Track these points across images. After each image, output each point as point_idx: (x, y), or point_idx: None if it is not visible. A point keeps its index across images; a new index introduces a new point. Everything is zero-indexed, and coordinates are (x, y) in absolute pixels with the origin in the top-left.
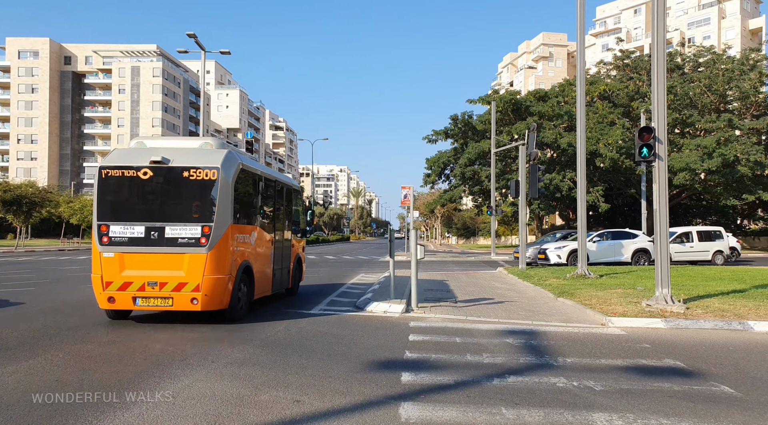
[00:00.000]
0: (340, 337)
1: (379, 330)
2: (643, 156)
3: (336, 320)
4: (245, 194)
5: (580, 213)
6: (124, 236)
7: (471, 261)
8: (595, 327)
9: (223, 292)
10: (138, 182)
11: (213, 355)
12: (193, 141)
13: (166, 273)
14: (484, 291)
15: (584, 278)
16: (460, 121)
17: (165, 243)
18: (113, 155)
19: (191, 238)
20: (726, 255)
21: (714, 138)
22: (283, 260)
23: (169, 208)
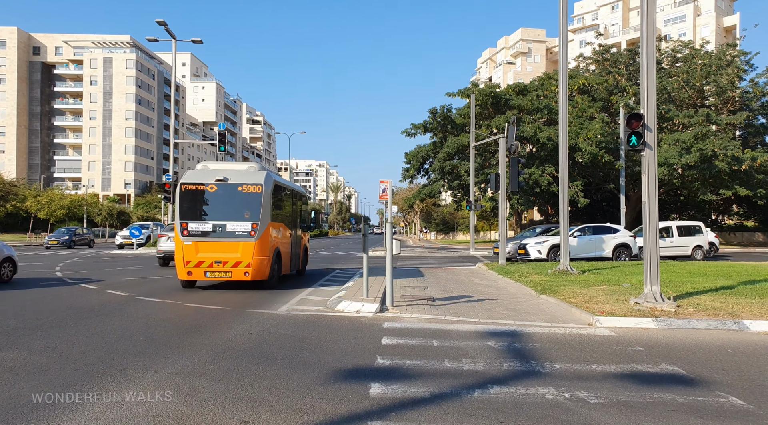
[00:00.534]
0: (306, 341)
1: (349, 332)
2: (631, 144)
3: (303, 321)
4: (276, 201)
5: (562, 208)
6: (199, 230)
7: (450, 256)
8: (582, 328)
9: (265, 268)
10: (207, 193)
11: (157, 365)
12: (241, 165)
13: (227, 255)
14: (464, 288)
15: (566, 274)
16: (439, 115)
17: (226, 235)
18: (188, 175)
19: (244, 232)
20: (705, 250)
21: (692, 133)
22: (297, 248)
23: (228, 211)
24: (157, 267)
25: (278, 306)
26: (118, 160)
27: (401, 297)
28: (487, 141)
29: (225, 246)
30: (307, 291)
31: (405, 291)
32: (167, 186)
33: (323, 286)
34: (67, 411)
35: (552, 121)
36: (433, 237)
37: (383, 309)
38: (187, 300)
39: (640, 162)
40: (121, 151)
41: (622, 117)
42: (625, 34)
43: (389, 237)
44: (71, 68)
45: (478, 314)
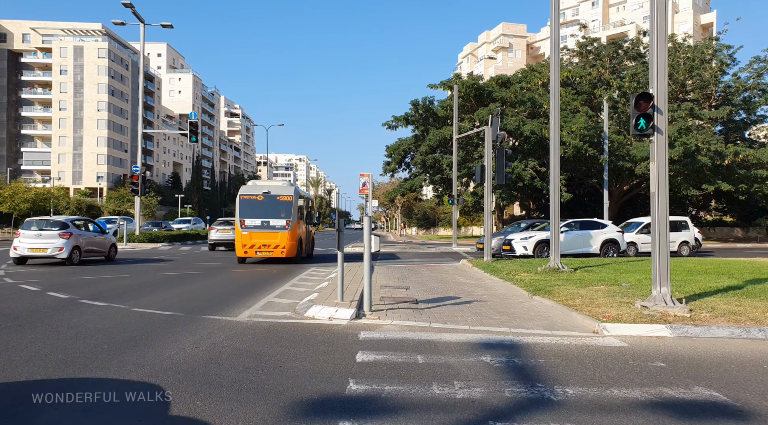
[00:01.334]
0: (264, 359)
1: (319, 345)
2: (639, 128)
3: (265, 331)
4: (299, 206)
5: (554, 201)
6: (252, 224)
7: (432, 252)
8: (588, 337)
9: (294, 249)
10: (257, 201)
11: (64, 396)
12: (277, 182)
13: (270, 240)
14: (449, 288)
15: (558, 272)
16: (421, 107)
17: (270, 228)
18: (243, 188)
19: (282, 226)
20: (692, 246)
21: (675, 127)
22: (309, 237)
23: (271, 212)
24: (112, 266)
25: (239, 312)
26: (89, 153)
27: (381, 299)
28: (469, 133)
29: (269, 235)
30: (275, 293)
31: (385, 291)
32: (135, 178)
33: (294, 287)
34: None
35: (535, 114)
36: (414, 232)
37: (360, 314)
38: (136, 304)
39: (623, 156)
40: (93, 143)
41: (606, 110)
42: (605, 30)
43: (367, 233)
44: (40, 57)
45: (467, 319)
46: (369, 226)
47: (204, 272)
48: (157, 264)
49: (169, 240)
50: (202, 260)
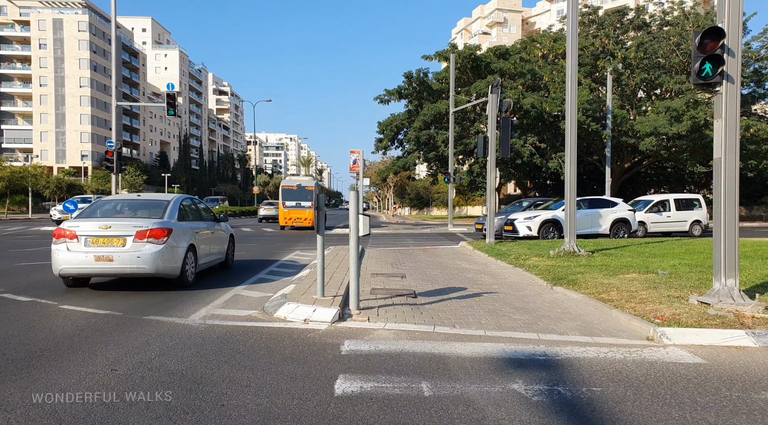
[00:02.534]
0: (203, 391)
1: (285, 365)
2: (703, 75)
3: (218, 340)
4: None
5: (569, 174)
6: (289, 205)
7: (427, 233)
8: (645, 347)
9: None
10: (293, 190)
11: None
12: (305, 178)
13: (301, 215)
14: (451, 276)
15: (574, 256)
16: (414, 80)
17: (301, 208)
18: (284, 181)
19: (308, 206)
20: (704, 225)
21: (683, 100)
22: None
23: (301, 197)
24: None
25: (194, 310)
26: (73, 131)
27: (372, 291)
28: (468, 106)
29: (300, 212)
30: (243, 286)
31: (377, 281)
32: (109, 154)
33: (268, 278)
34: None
35: (535, 87)
36: (407, 212)
37: (345, 315)
38: (69, 300)
39: (626, 132)
40: (76, 121)
41: (609, 82)
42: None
43: (354, 212)
44: (17, 30)
45: (481, 321)
46: (356, 204)
47: None
48: None
49: None
50: None
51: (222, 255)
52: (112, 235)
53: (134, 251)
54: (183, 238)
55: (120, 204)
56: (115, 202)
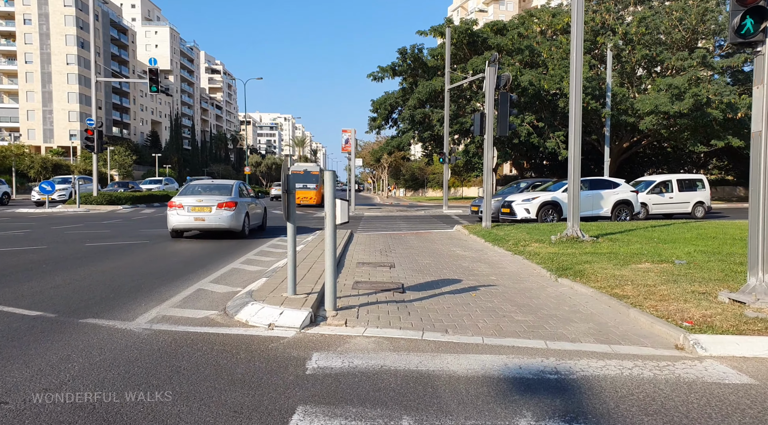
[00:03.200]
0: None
1: (232, 391)
2: (743, 32)
3: (160, 353)
4: (321, 177)
5: (573, 151)
6: (298, 187)
7: (421, 215)
8: (677, 359)
9: (320, 200)
10: (300, 174)
11: None
12: (310, 164)
13: (307, 195)
14: (445, 265)
15: (578, 242)
16: (409, 56)
17: (307, 189)
18: (292, 167)
19: (313, 188)
20: (707, 206)
21: (685, 77)
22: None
23: (307, 180)
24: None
25: (142, 311)
26: (60, 109)
27: (355, 285)
28: (464, 82)
29: (307, 192)
30: (217, 273)
31: (362, 272)
32: (89, 132)
33: (244, 265)
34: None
35: (533, 64)
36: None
37: (318, 317)
38: (1, 296)
39: (625, 110)
40: (63, 100)
41: (609, 59)
42: None
43: (330, 198)
44: (1, 4)
45: (477, 323)
46: (332, 186)
47: (147, 241)
48: (97, 231)
49: (132, 202)
50: (156, 226)
51: (260, 220)
52: (203, 205)
53: (217, 215)
54: (243, 208)
55: (203, 186)
56: (201, 185)
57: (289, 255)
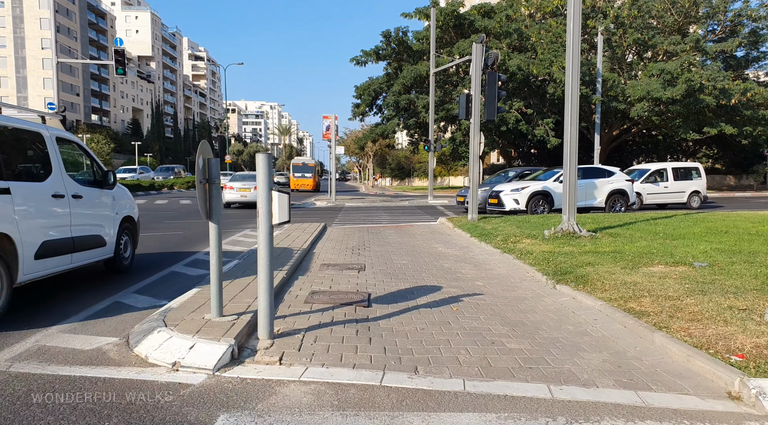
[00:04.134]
0: None
1: None
2: None
3: (9, 411)
4: (317, 168)
5: (569, 136)
6: (298, 175)
7: (405, 206)
8: (737, 419)
9: (317, 186)
10: (299, 165)
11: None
12: (308, 158)
13: (305, 182)
14: (423, 266)
15: (575, 238)
16: (393, 39)
17: (305, 177)
18: (293, 160)
19: (310, 176)
20: (703, 196)
21: (678, 62)
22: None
23: (305, 171)
24: None
25: (21, 337)
26: (36, 96)
27: (309, 297)
28: (450, 65)
29: (305, 180)
30: (150, 280)
31: (323, 277)
32: None
33: (190, 268)
34: None
35: (522, 48)
36: (388, 183)
37: (245, 350)
38: None
39: (616, 97)
40: (39, 86)
41: (600, 43)
42: None
43: (264, 190)
44: None
45: (458, 355)
46: (267, 174)
47: None
48: None
49: None
50: None
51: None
52: (246, 187)
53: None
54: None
55: (246, 175)
56: (244, 174)
57: (213, 266)
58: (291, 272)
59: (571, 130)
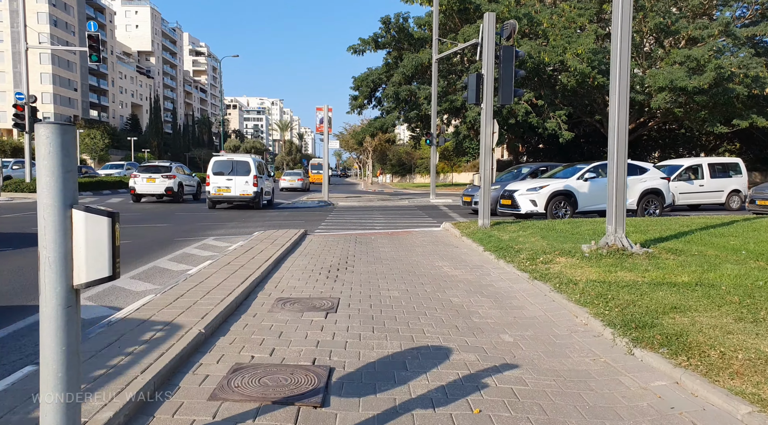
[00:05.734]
0: None
1: None
2: None
3: None
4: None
5: (617, 122)
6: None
7: (404, 206)
8: None
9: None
10: (315, 165)
11: None
12: (321, 159)
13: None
14: (422, 302)
15: (625, 255)
16: (393, 26)
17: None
18: (312, 160)
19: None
20: (743, 196)
21: (706, 47)
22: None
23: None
24: None
25: None
26: (33, 91)
27: (221, 385)
28: (455, 50)
29: (319, 175)
30: None
31: (264, 331)
32: (19, 109)
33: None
34: None
35: (532, 34)
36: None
37: None
38: None
39: (634, 87)
40: (36, 81)
41: None
42: None
43: (51, 198)
44: None
45: None
46: (58, 166)
47: (8, 250)
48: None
49: None
50: None
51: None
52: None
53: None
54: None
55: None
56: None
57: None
58: (216, 324)
59: (619, 112)
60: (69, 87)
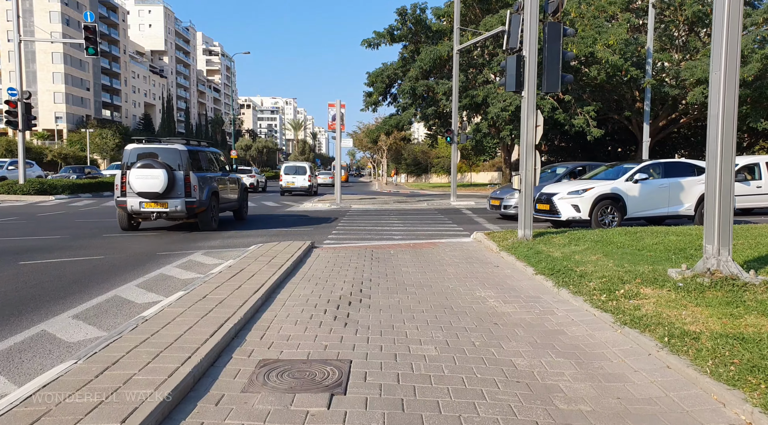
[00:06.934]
0: None
1: None
2: None
3: None
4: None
5: (721, 105)
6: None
7: (423, 210)
8: None
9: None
10: (292, 166)
11: None
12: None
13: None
14: (470, 369)
15: (738, 286)
16: (410, 18)
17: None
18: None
19: (344, 172)
20: None
21: (751, 35)
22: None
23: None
24: None
25: None
26: (45, 91)
27: None
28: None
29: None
30: None
31: (252, 404)
32: (11, 105)
33: None
34: None
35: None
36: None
37: None
38: None
39: (666, 81)
40: (48, 80)
41: (651, 17)
42: None
43: None
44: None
45: None
46: None
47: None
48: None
49: (71, 191)
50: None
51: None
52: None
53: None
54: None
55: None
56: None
57: None
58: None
59: (727, 90)
60: (81, 86)
